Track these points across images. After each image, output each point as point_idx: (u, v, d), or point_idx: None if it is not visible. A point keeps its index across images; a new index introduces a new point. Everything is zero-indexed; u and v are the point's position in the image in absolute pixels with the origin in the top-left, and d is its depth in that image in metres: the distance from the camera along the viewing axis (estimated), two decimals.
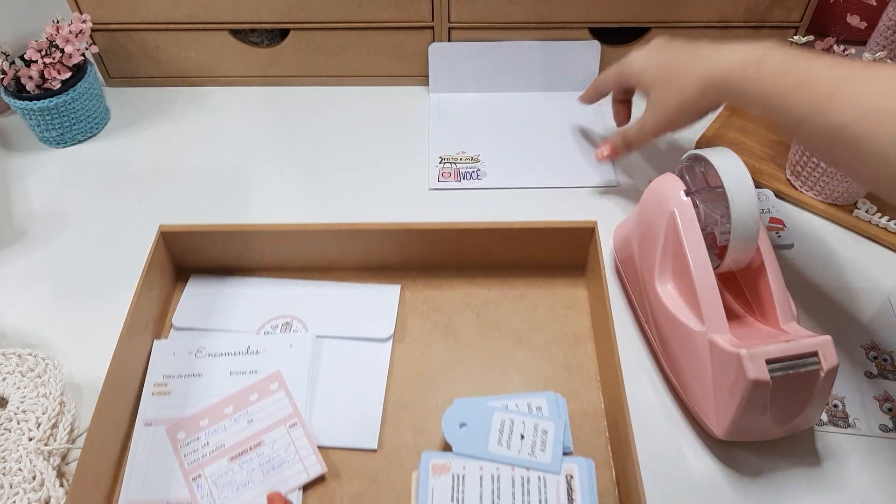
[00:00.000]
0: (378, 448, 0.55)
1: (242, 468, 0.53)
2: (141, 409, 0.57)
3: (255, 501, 0.52)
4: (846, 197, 0.70)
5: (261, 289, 0.65)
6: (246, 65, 0.86)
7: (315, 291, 0.65)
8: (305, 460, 0.54)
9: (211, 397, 0.57)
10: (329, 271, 0.66)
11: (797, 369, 0.49)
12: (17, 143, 0.81)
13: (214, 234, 0.62)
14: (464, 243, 0.63)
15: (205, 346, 0.60)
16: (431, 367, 0.60)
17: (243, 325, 0.62)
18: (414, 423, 0.56)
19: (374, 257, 0.65)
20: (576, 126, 0.81)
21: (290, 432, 0.55)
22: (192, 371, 0.59)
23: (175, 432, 0.55)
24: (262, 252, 0.64)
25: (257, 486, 0.52)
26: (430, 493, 0.50)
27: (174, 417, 0.56)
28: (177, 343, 0.61)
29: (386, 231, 0.62)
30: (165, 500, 0.52)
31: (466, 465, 0.51)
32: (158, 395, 0.58)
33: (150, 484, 0.53)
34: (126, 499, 0.52)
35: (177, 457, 0.54)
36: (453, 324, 0.63)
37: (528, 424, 0.53)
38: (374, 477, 0.54)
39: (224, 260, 0.65)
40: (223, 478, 0.53)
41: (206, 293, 0.65)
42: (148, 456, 0.54)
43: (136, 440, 0.55)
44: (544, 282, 0.65)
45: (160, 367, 0.59)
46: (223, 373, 0.58)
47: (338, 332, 0.62)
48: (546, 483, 0.50)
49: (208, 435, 0.55)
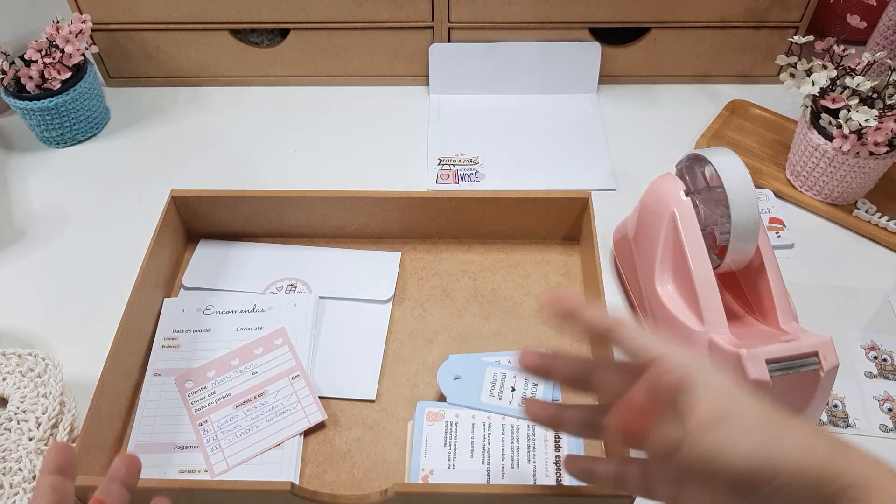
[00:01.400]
0: (376, 399, 0.58)
1: (247, 415, 0.56)
2: (151, 361, 0.60)
3: (259, 445, 0.55)
4: (846, 197, 0.70)
5: (267, 253, 0.68)
6: (246, 65, 0.86)
7: (319, 256, 0.68)
8: (307, 409, 0.57)
9: (218, 351, 0.60)
10: (333, 238, 0.69)
11: (797, 369, 0.49)
12: (17, 143, 0.81)
13: (223, 199, 0.65)
14: (462, 212, 0.66)
15: (213, 303, 0.63)
16: (428, 327, 0.63)
17: (249, 286, 0.65)
18: (410, 378, 0.59)
19: (376, 225, 0.67)
20: (575, 128, 0.81)
21: (293, 383, 0.58)
22: (201, 326, 0.62)
23: (183, 381, 0.59)
24: (268, 218, 0.67)
25: (260, 431, 0.56)
26: (424, 438, 0.53)
27: (182, 368, 0.59)
28: (186, 301, 0.64)
29: (388, 199, 0.65)
30: (172, 442, 0.55)
31: (459, 413, 0.54)
32: (168, 348, 0.61)
33: (158, 428, 0.56)
34: (136, 440, 0.55)
35: (184, 404, 0.57)
36: (450, 288, 0.65)
37: (519, 378, 0.57)
38: (371, 425, 0.56)
39: (232, 226, 0.68)
40: (228, 423, 0.56)
41: (214, 256, 0.68)
42: (157, 403, 0.58)
43: (146, 388, 0.58)
44: (539, 250, 0.68)
45: (170, 323, 0.62)
46: (230, 329, 0.62)
47: (340, 294, 0.64)
48: (535, 431, 0.54)
49: (215, 385, 0.58)
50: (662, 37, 0.82)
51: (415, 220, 0.67)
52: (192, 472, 0.54)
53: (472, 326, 0.62)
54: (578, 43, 0.82)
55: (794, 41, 0.69)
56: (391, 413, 0.57)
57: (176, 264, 0.67)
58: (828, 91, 0.67)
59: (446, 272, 0.66)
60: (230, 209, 0.66)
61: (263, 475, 0.53)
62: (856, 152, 0.65)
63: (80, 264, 0.69)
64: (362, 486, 0.53)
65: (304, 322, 0.62)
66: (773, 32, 0.82)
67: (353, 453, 0.55)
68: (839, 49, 0.68)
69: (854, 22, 0.70)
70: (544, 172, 0.76)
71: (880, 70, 0.76)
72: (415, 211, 0.66)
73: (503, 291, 0.65)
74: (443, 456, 0.52)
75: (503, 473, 0.52)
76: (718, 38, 0.82)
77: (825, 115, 0.67)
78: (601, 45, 0.83)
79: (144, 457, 0.53)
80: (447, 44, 0.83)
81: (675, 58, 0.84)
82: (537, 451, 0.52)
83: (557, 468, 0.51)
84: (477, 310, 0.64)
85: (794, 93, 0.69)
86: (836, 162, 0.67)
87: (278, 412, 0.56)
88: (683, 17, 0.80)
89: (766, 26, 0.81)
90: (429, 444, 0.53)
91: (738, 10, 0.80)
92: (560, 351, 0.41)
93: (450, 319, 0.63)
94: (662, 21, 0.81)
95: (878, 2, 0.77)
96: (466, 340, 0.61)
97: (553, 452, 0.52)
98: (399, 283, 0.65)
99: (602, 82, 0.86)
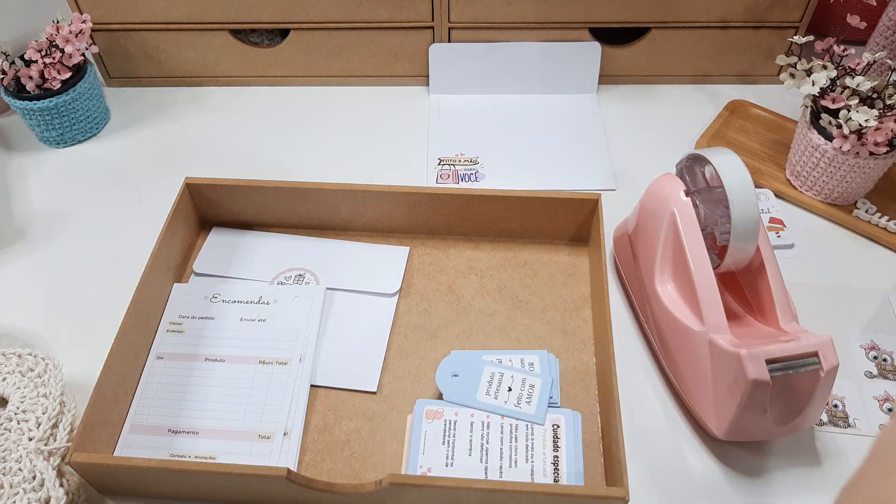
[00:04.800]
0: (377, 391, 0.58)
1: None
2: (155, 344, 0.61)
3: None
4: (846, 197, 0.70)
5: (277, 243, 0.69)
6: (246, 65, 0.86)
7: (328, 248, 0.69)
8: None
9: (220, 339, 0.62)
10: (342, 231, 0.70)
11: (797, 369, 0.49)
12: (17, 143, 0.81)
13: (236, 187, 0.66)
14: (472, 210, 0.66)
15: (220, 292, 0.65)
16: (433, 322, 0.63)
17: (259, 275, 0.67)
18: (412, 372, 0.60)
19: (386, 219, 0.68)
20: (575, 128, 0.81)
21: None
22: (206, 314, 0.63)
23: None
24: (279, 209, 0.68)
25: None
26: (422, 436, 0.54)
27: (184, 353, 0.61)
28: (195, 287, 0.65)
29: (398, 194, 0.65)
30: (167, 426, 0.56)
31: (458, 412, 0.55)
32: (172, 332, 0.62)
33: (155, 411, 0.57)
34: (132, 421, 0.57)
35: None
36: (457, 285, 0.66)
37: (516, 378, 0.56)
38: (371, 416, 0.57)
39: (245, 215, 0.69)
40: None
41: (226, 243, 0.69)
42: (157, 386, 0.59)
43: (147, 371, 0.60)
44: (547, 250, 0.68)
45: (177, 308, 0.64)
46: (234, 318, 0.63)
47: (347, 286, 0.65)
48: (533, 431, 0.54)
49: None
50: (662, 37, 0.82)
51: (424, 215, 0.67)
52: (182, 458, 0.54)
53: (476, 323, 0.63)
54: (578, 43, 0.82)
55: (794, 41, 0.69)
56: (391, 405, 0.58)
57: (188, 250, 0.68)
58: (828, 91, 0.67)
59: (453, 268, 0.67)
60: (243, 198, 0.67)
61: (261, 461, 0.54)
62: (856, 152, 0.65)
63: (79, 264, 0.69)
64: (359, 477, 0.54)
65: (311, 313, 0.63)
66: (773, 32, 0.82)
67: (351, 443, 0.55)
68: (839, 49, 0.68)
69: (854, 22, 0.70)
70: (544, 172, 0.76)
71: (880, 70, 0.76)
72: (424, 206, 0.66)
73: (509, 290, 0.65)
74: (441, 453, 0.53)
75: (501, 472, 0.52)
76: (718, 38, 0.82)
77: (825, 115, 0.67)
78: (601, 45, 0.83)
79: (138, 438, 0.55)
80: (447, 44, 0.83)
81: (675, 58, 0.84)
82: (535, 451, 0.52)
83: (556, 468, 0.51)
84: (482, 307, 0.64)
85: (794, 93, 0.70)
86: (836, 162, 0.67)
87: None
88: (683, 17, 0.80)
89: (766, 26, 0.81)
90: (427, 442, 0.53)
91: (738, 10, 0.80)
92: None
93: (454, 315, 0.63)
94: (662, 21, 0.81)
95: (878, 2, 0.77)
96: (470, 337, 0.62)
97: (552, 452, 0.52)
98: (405, 278, 0.66)
99: (602, 82, 0.86)
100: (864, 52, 0.69)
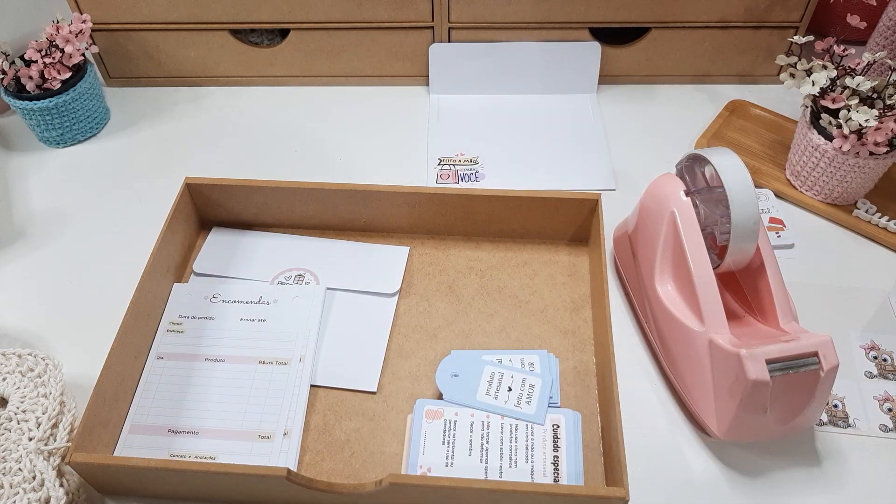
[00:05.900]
0: (377, 391, 0.59)
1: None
2: (155, 344, 0.61)
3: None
4: (846, 197, 0.70)
5: (277, 243, 0.69)
6: (246, 65, 0.86)
7: (328, 248, 0.69)
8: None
9: (220, 339, 0.62)
10: (342, 231, 0.70)
11: (797, 369, 0.49)
12: (17, 143, 0.81)
13: (236, 187, 0.66)
14: (472, 210, 0.66)
15: (220, 292, 0.65)
16: (433, 322, 0.63)
17: (259, 275, 0.67)
18: (412, 372, 0.60)
19: (386, 219, 0.68)
20: (575, 128, 0.81)
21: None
22: (207, 314, 0.63)
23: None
24: (279, 209, 0.68)
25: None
26: (422, 436, 0.54)
27: (184, 353, 0.61)
28: (195, 287, 0.66)
29: (398, 194, 0.65)
30: (167, 426, 0.56)
31: (458, 412, 0.55)
32: (172, 332, 0.62)
33: (154, 411, 0.57)
34: (132, 421, 0.57)
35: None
36: (457, 285, 0.66)
37: (516, 378, 0.56)
38: (371, 416, 0.57)
39: (245, 215, 0.69)
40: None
41: (226, 243, 0.69)
42: (156, 386, 0.59)
43: (147, 371, 0.60)
44: (547, 250, 0.68)
45: (177, 308, 0.64)
46: (234, 318, 0.63)
47: (347, 286, 0.66)
48: (533, 431, 0.54)
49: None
50: (662, 37, 0.82)
51: (424, 215, 0.67)
52: (182, 458, 0.54)
53: (476, 323, 0.63)
54: (578, 43, 0.82)
55: (794, 41, 0.69)
56: (391, 405, 0.58)
57: (188, 250, 0.68)
58: (828, 91, 0.67)
59: (453, 268, 0.67)
60: (243, 198, 0.68)
61: (261, 461, 0.54)
62: (856, 152, 0.65)
63: (79, 264, 0.69)
64: (359, 477, 0.54)
65: (311, 313, 0.63)
66: (773, 32, 0.82)
67: (351, 443, 0.55)
68: (839, 49, 0.68)
69: (854, 22, 0.70)
70: (544, 172, 0.76)
71: (880, 70, 0.76)
72: (424, 206, 0.66)
73: (509, 290, 0.65)
74: (441, 453, 0.53)
75: (501, 472, 0.52)
76: (718, 38, 0.82)
77: (825, 115, 0.67)
78: (601, 45, 0.83)
79: (138, 438, 0.55)
80: (447, 44, 0.83)
81: (675, 58, 0.84)
82: (535, 451, 0.52)
83: (556, 468, 0.52)
84: (482, 307, 0.64)
85: (794, 93, 0.70)
86: (836, 162, 0.67)
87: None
88: (683, 17, 0.80)
89: (766, 26, 0.81)
90: (427, 442, 0.53)
91: (738, 10, 0.80)
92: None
93: (454, 315, 0.63)
94: (662, 21, 0.81)
95: (878, 2, 0.77)
96: (470, 337, 0.62)
97: (551, 452, 0.52)
98: (406, 278, 0.66)
99: (602, 82, 0.86)
100: (864, 52, 0.69)
